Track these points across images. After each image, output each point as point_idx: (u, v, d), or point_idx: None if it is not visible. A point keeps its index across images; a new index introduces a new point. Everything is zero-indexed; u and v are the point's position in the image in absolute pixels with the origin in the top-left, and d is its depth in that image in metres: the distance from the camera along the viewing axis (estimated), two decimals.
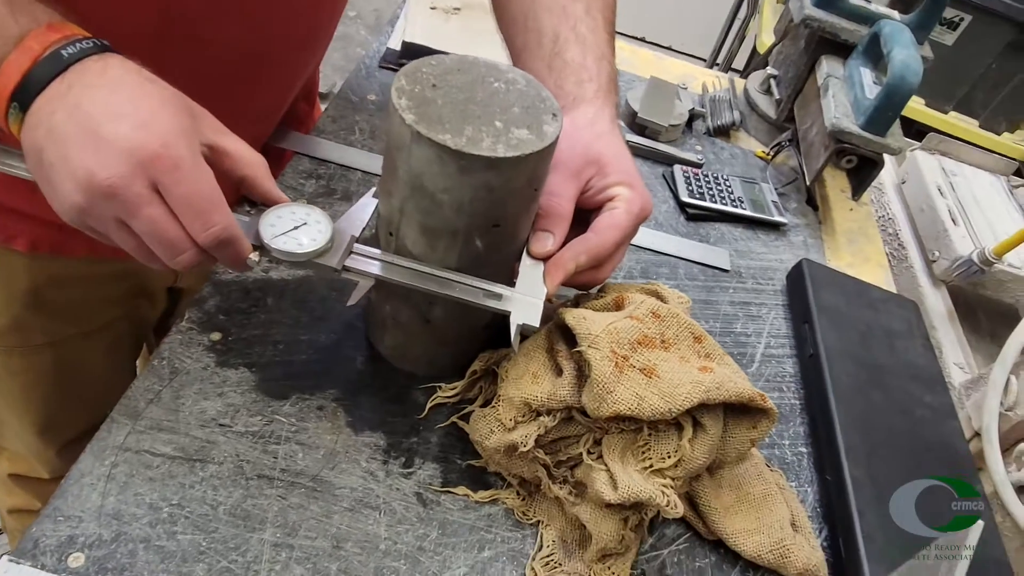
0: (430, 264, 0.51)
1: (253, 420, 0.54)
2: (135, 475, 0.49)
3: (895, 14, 0.92)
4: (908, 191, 1.28)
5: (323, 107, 0.86)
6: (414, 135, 0.45)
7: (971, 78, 1.92)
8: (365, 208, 0.54)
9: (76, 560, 0.45)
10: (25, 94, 0.42)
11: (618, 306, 0.56)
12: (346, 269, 0.50)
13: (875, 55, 0.85)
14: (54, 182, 0.43)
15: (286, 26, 0.63)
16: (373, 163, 0.77)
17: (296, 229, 0.49)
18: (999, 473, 0.84)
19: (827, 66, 0.89)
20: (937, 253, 1.13)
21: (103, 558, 0.45)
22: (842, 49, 0.91)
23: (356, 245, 0.51)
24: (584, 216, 0.56)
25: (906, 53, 0.76)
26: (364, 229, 0.53)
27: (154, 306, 0.85)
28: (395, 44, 0.95)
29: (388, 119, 0.48)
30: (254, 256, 0.48)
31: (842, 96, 0.84)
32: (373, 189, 0.54)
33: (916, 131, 1.80)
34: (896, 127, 0.82)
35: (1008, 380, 0.85)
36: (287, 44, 0.66)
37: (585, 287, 0.58)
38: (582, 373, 0.51)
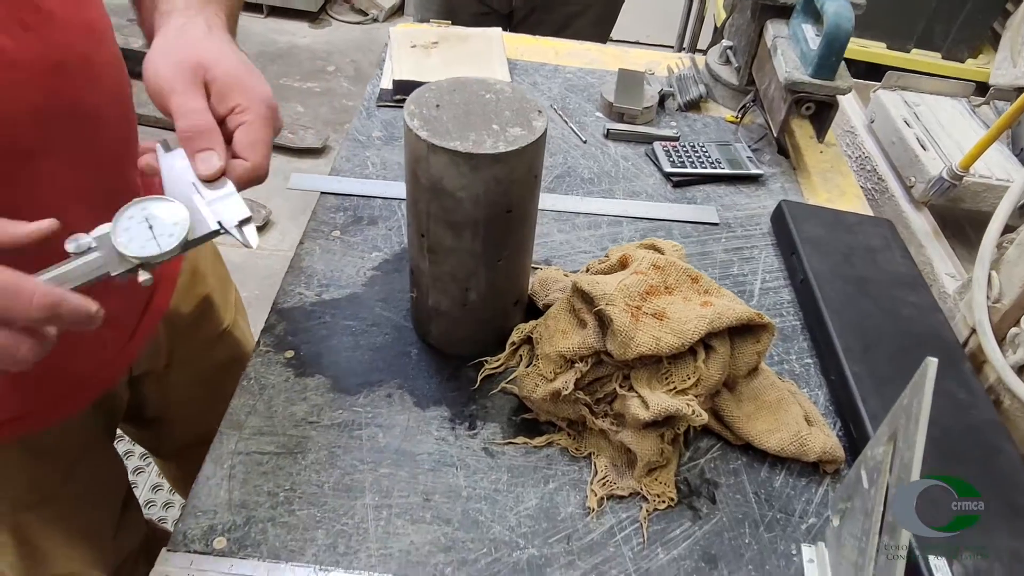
0: (459, 255, 0.61)
1: (336, 414, 0.64)
2: (251, 472, 0.59)
3: None
4: (878, 128, 1.36)
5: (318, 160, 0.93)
6: (429, 147, 0.55)
7: (926, 13, 2.00)
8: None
9: (220, 543, 0.55)
10: None
11: (623, 265, 0.65)
12: None
13: (812, 11, 0.95)
14: None
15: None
16: (388, 190, 0.87)
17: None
18: (998, 360, 0.91)
19: (773, 29, 0.99)
20: (913, 179, 1.21)
21: (240, 538, 0.55)
22: (784, 11, 1.00)
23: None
24: None
25: (837, 4, 0.85)
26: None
27: (122, 399, 0.84)
28: (387, 84, 1.05)
29: (405, 139, 0.58)
30: (94, 308, 0.43)
31: (790, 52, 0.94)
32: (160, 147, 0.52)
33: (883, 75, 1.88)
34: (843, 69, 0.91)
35: (990, 275, 0.93)
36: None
37: None
38: (603, 323, 0.61)
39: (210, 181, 0.50)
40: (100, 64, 0.59)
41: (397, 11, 3.65)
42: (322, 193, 0.87)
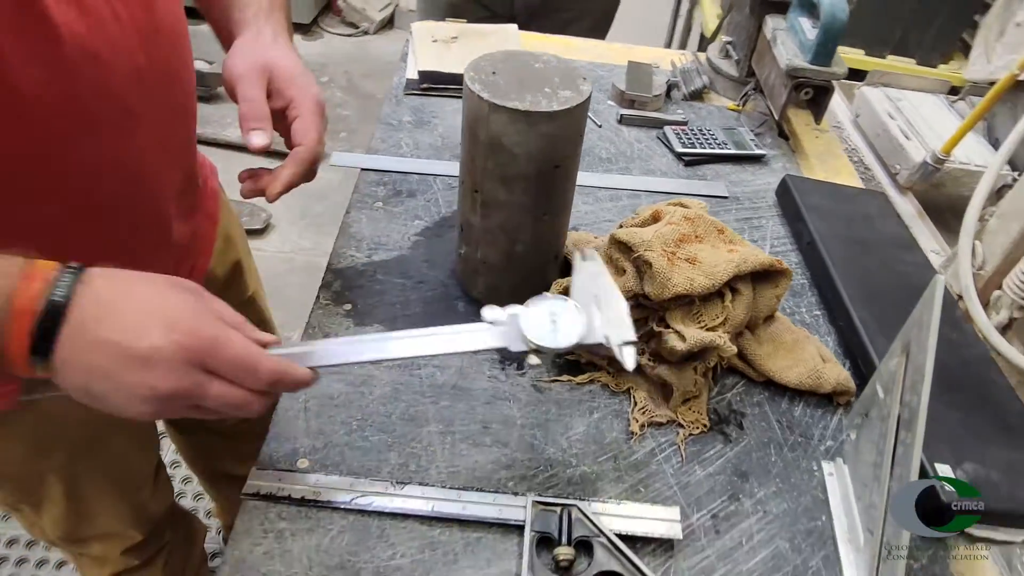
0: (510, 208, 0.67)
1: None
2: (324, 405, 0.65)
3: None
4: (863, 123, 1.45)
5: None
6: (491, 107, 0.61)
7: (902, 22, 2.12)
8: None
9: (303, 463, 0.60)
10: (42, 348, 0.44)
11: (655, 219, 0.72)
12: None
13: (808, 5, 1.03)
14: (115, 404, 0.46)
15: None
16: (423, 167, 0.94)
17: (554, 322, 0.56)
18: (983, 322, 1.00)
19: (772, 23, 1.07)
20: (898, 166, 1.30)
21: (321, 459, 0.61)
22: (781, 7, 1.09)
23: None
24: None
25: None
26: None
27: None
28: (411, 74, 1.12)
29: (465, 102, 0.64)
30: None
31: (790, 43, 1.02)
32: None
33: (861, 79, 1.99)
34: (838, 56, 1.00)
35: (974, 245, 1.02)
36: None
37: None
38: (639, 269, 0.68)
39: (257, 151, 0.62)
40: (181, 33, 0.66)
41: (387, 24, 3.73)
42: (362, 169, 0.93)
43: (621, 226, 0.75)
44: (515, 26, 1.23)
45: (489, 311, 0.55)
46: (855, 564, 0.57)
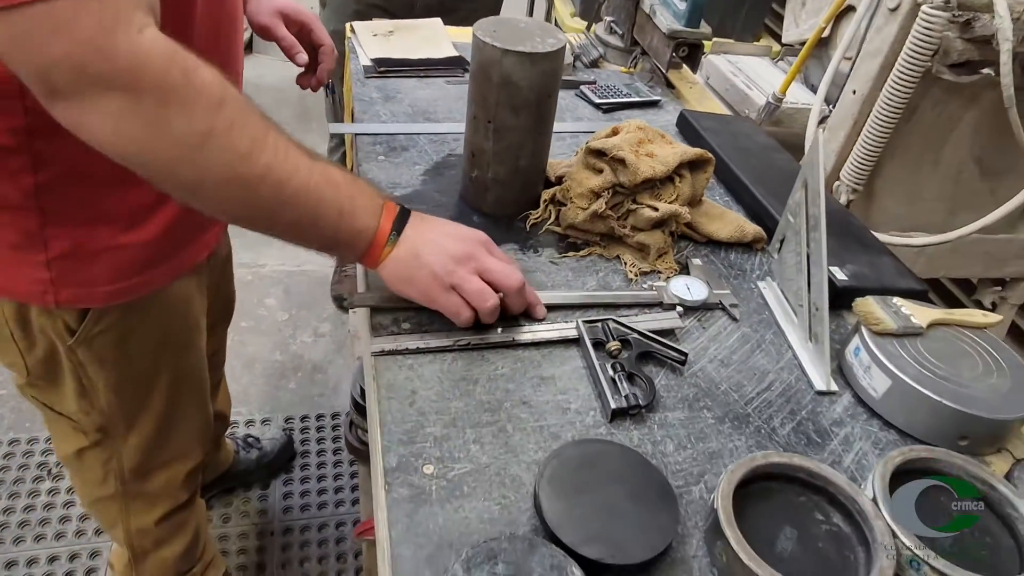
0: (517, 132, 0.90)
1: None
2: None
3: None
4: (714, 83, 1.81)
5: None
6: (503, 52, 0.84)
7: (719, 11, 2.57)
8: None
9: (406, 326, 0.80)
10: (398, 227, 0.75)
11: (615, 132, 0.98)
12: None
13: None
14: (433, 264, 0.74)
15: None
16: (405, 128, 1.14)
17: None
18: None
19: (648, 1, 1.38)
20: (747, 111, 1.66)
21: (418, 323, 0.80)
22: None
23: None
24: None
25: None
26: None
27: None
28: (365, 62, 1.32)
29: (478, 52, 0.87)
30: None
31: (666, 13, 1.33)
32: None
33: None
34: (703, 23, 1.31)
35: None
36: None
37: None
38: (613, 167, 0.93)
39: (302, 64, 1.15)
40: None
41: (247, 49, 3.79)
42: (356, 135, 1.12)
43: (587, 143, 1.00)
44: (439, 20, 1.46)
45: (653, 285, 0.90)
46: (792, 332, 0.85)
